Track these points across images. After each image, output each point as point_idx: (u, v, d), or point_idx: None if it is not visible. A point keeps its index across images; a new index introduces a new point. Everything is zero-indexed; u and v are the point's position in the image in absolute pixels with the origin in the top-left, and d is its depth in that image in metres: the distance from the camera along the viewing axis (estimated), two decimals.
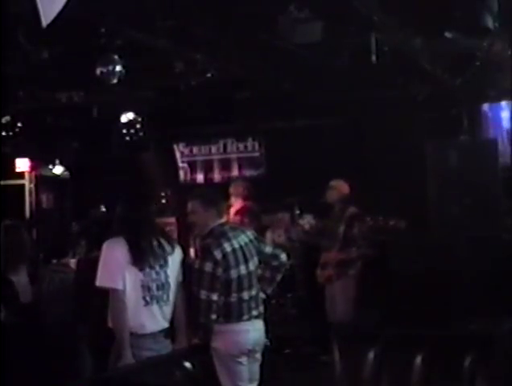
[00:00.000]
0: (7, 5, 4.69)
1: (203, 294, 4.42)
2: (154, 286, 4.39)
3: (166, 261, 4.48)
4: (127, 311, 4.28)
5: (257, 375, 4.68)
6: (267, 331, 4.76)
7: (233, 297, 4.52)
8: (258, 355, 4.68)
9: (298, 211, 8.46)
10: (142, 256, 4.36)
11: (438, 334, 4.39)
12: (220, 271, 4.46)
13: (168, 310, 4.49)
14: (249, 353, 4.59)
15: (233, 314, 4.53)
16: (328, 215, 7.48)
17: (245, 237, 4.70)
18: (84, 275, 4.87)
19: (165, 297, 4.45)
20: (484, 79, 7.72)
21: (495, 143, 8.06)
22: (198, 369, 4.26)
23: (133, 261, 4.33)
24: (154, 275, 4.40)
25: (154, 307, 4.40)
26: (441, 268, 7.23)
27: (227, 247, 4.53)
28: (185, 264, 4.74)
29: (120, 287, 4.28)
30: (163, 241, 4.54)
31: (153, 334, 4.38)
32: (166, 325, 4.48)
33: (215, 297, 4.44)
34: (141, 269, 4.35)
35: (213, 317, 4.45)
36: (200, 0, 5.53)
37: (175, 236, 8.61)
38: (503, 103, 8.77)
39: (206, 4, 5.52)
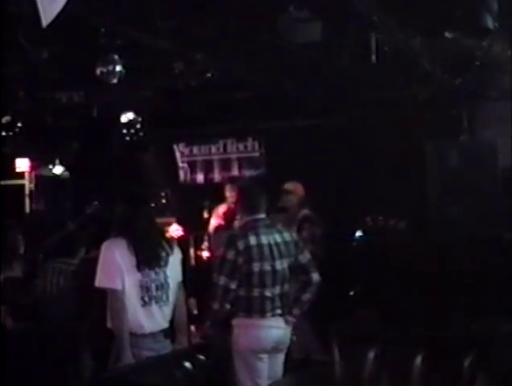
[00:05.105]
0: (7, 5, 4.69)
1: (222, 280, 4.51)
2: (153, 286, 4.39)
3: (165, 261, 4.48)
4: (126, 311, 4.28)
5: (279, 374, 4.69)
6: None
7: (255, 293, 4.55)
8: (281, 355, 4.69)
9: None
10: (143, 257, 4.36)
11: (438, 334, 4.39)
12: (241, 260, 4.51)
13: (168, 310, 4.49)
14: (271, 351, 4.60)
15: (254, 308, 4.55)
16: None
17: (278, 237, 4.71)
18: (84, 275, 4.86)
19: (164, 297, 4.45)
20: (484, 79, 7.72)
21: (495, 143, 8.05)
22: (198, 369, 4.26)
23: (133, 262, 4.33)
24: (153, 275, 4.40)
25: (154, 307, 4.39)
26: (441, 268, 7.23)
27: (252, 240, 4.58)
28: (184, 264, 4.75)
29: (119, 287, 4.28)
30: (163, 241, 4.55)
31: (153, 334, 4.38)
32: (165, 325, 4.48)
33: (233, 285, 4.50)
34: (140, 270, 4.35)
35: (227, 306, 4.51)
36: (200, 0, 5.53)
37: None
38: (503, 103, 8.76)
39: (206, 4, 5.51)
